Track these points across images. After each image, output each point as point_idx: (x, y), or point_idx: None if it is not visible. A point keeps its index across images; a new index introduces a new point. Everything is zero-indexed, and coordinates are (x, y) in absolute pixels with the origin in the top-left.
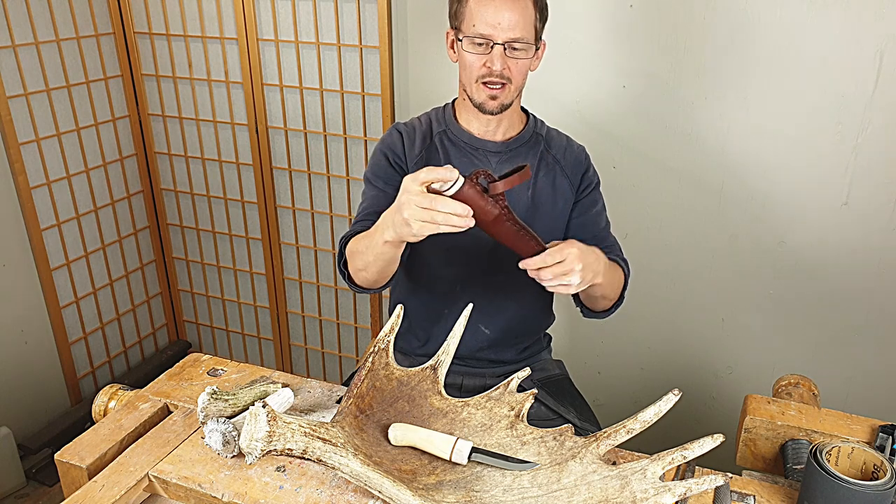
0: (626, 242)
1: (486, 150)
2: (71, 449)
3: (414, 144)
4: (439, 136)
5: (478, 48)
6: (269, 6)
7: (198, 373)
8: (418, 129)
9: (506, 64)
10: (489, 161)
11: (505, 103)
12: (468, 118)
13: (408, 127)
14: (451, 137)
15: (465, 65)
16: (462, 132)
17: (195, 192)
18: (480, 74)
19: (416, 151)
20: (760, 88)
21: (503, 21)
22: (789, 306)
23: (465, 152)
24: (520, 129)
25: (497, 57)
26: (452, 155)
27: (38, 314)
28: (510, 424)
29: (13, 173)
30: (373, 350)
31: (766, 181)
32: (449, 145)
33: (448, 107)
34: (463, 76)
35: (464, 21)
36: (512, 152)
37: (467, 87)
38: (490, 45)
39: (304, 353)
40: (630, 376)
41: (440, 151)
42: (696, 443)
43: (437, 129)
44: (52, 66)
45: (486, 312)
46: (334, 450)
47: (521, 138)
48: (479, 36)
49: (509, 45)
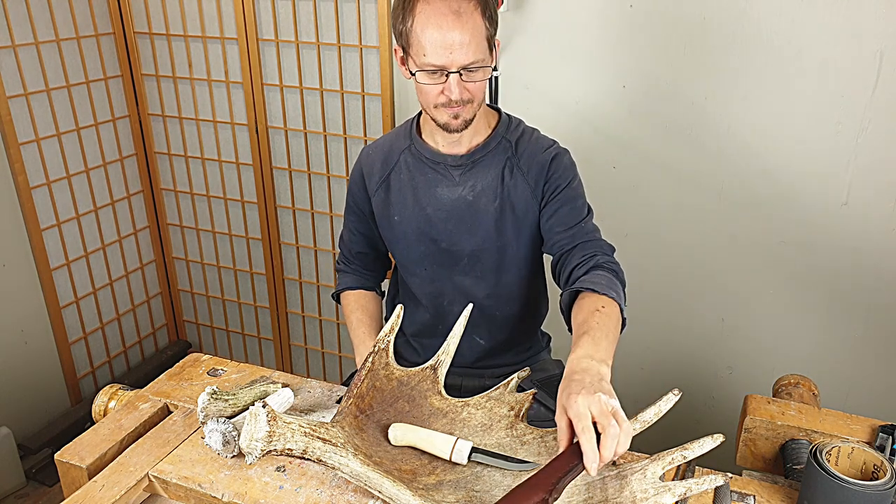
0: (627, 242)
1: (447, 165)
2: (71, 449)
3: (374, 170)
4: (404, 154)
5: (432, 76)
6: (269, 6)
7: (198, 373)
8: (380, 151)
9: (464, 87)
10: (452, 175)
11: (468, 119)
12: (431, 132)
13: (370, 152)
14: (415, 153)
15: (421, 90)
16: (425, 147)
17: (195, 192)
18: (440, 102)
19: (378, 177)
20: (760, 88)
21: (454, 43)
22: (789, 306)
23: (427, 167)
24: (486, 136)
25: (454, 85)
26: (416, 171)
27: (38, 314)
28: (510, 424)
29: (13, 173)
30: (373, 350)
31: (766, 181)
32: (413, 162)
33: (415, 121)
34: (421, 100)
35: (412, 47)
36: (474, 163)
37: (427, 109)
38: (445, 74)
39: (304, 353)
40: (630, 376)
41: (404, 170)
42: (696, 443)
43: (403, 145)
44: (52, 66)
45: (477, 324)
46: (334, 450)
47: (485, 147)
48: (432, 66)
49: (465, 70)
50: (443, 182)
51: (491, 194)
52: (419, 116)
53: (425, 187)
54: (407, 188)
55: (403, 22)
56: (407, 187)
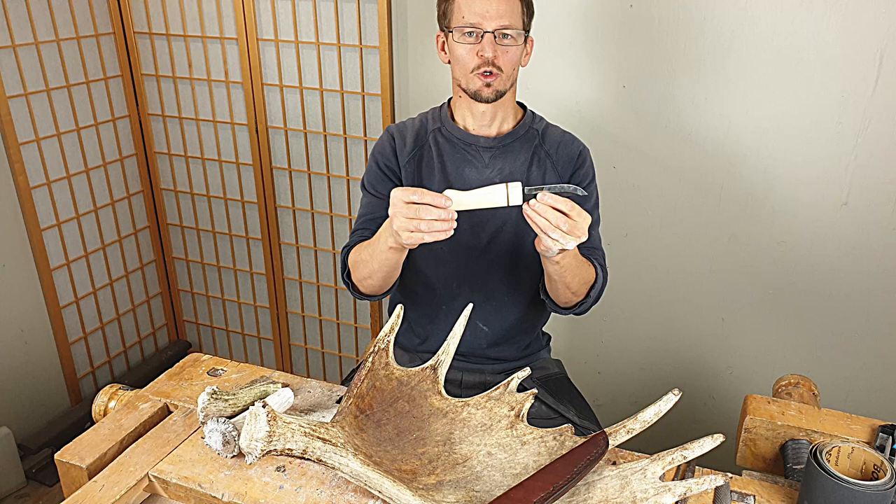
0: (626, 242)
1: (478, 146)
2: (71, 449)
3: (405, 144)
4: (433, 134)
5: (468, 38)
6: (269, 6)
7: (198, 373)
8: (410, 128)
9: (496, 52)
10: (482, 157)
11: (500, 90)
12: (463, 114)
13: (400, 127)
14: (445, 134)
15: (457, 58)
16: (456, 128)
17: (195, 192)
18: (474, 65)
19: (409, 150)
20: (760, 88)
21: (491, 10)
22: (789, 306)
23: (458, 148)
24: (514, 125)
25: (488, 44)
26: (445, 151)
27: (38, 314)
28: (510, 424)
29: (13, 173)
30: (373, 350)
31: (766, 181)
32: (443, 142)
33: (444, 105)
34: (456, 71)
35: (452, 16)
36: (504, 147)
37: (462, 80)
38: (480, 35)
39: (304, 353)
40: (630, 376)
41: (433, 149)
42: (696, 443)
43: (433, 126)
44: (52, 66)
45: (484, 311)
46: (334, 450)
47: (514, 133)
48: (469, 25)
49: (499, 33)
50: (472, 163)
51: (518, 178)
52: (448, 102)
53: (454, 167)
54: (436, 166)
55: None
56: (436, 166)
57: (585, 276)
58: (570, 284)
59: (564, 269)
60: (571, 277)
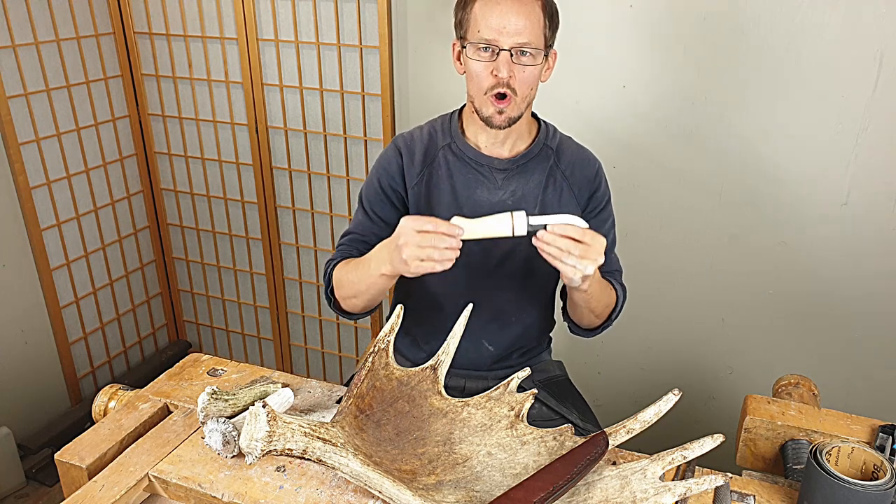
0: (626, 242)
1: (491, 168)
2: (71, 449)
3: (413, 161)
4: (443, 150)
5: (483, 55)
6: (269, 6)
7: (198, 373)
8: (419, 142)
9: (512, 72)
10: (495, 178)
11: (512, 117)
12: (475, 131)
13: (408, 140)
14: (456, 152)
15: (472, 75)
16: (468, 147)
17: (195, 192)
18: (488, 85)
19: (417, 169)
20: (760, 88)
21: (509, 25)
22: (789, 306)
23: (469, 168)
24: (529, 143)
25: (503, 63)
26: (456, 170)
27: (38, 314)
28: (510, 424)
29: (13, 173)
30: (373, 350)
31: (766, 181)
32: (453, 160)
33: (455, 117)
34: (470, 87)
35: (469, 29)
36: (518, 168)
37: (475, 99)
38: (496, 52)
39: (304, 353)
40: (630, 376)
41: (443, 167)
42: (696, 443)
43: (443, 141)
44: (52, 66)
45: (489, 330)
46: (334, 450)
47: (529, 153)
48: (485, 41)
49: (516, 51)
50: (484, 184)
51: (532, 201)
52: (458, 113)
53: (464, 188)
54: (445, 186)
55: (464, 8)
56: (445, 185)
57: (608, 299)
58: (594, 309)
59: (591, 296)
60: (596, 303)
